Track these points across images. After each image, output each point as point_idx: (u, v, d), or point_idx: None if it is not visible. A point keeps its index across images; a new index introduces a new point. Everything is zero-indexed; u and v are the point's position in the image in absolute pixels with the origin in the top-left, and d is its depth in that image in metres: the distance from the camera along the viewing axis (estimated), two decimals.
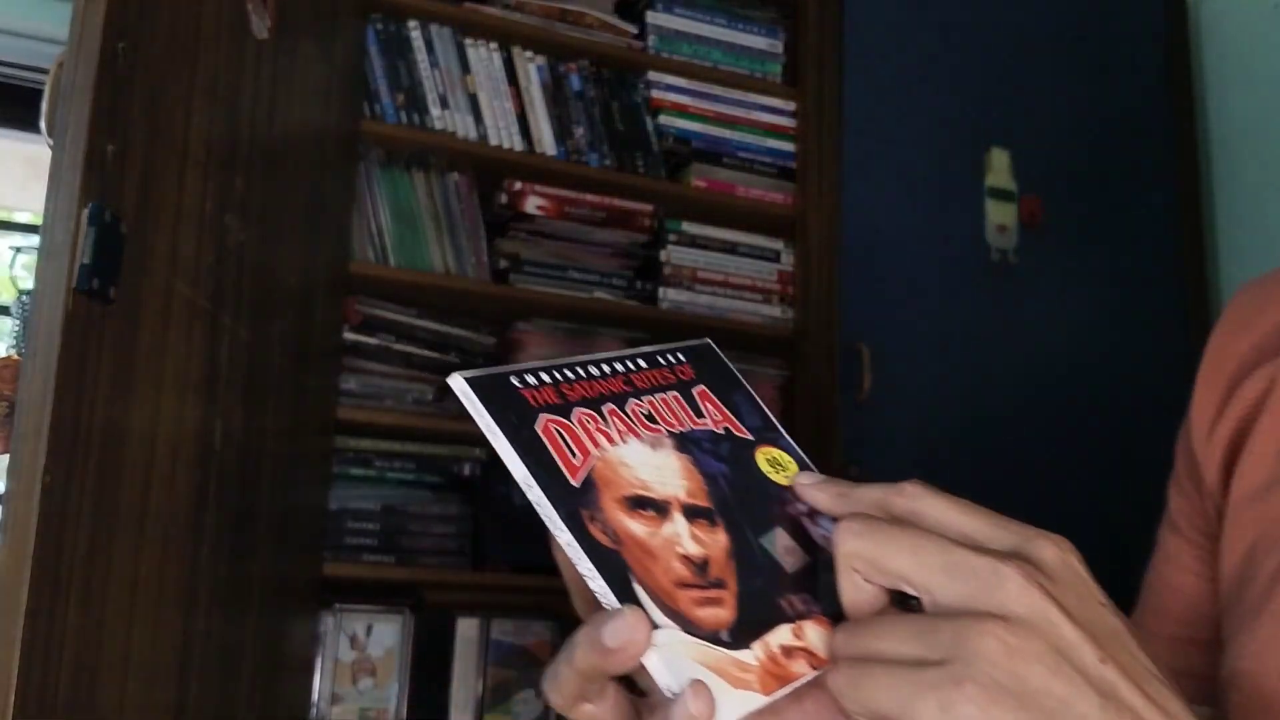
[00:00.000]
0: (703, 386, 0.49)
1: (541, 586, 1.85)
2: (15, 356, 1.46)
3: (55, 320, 0.81)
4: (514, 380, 0.42)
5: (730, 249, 2.07)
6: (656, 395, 0.47)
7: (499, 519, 1.83)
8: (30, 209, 2.91)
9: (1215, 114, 2.38)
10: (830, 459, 1.97)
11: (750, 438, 0.48)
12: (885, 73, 2.16)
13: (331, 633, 1.74)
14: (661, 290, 2.01)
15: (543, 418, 0.42)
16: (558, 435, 0.42)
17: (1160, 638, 0.65)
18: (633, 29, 2.06)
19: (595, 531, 0.39)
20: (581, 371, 0.45)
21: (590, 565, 0.38)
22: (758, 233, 2.09)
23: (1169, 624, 0.66)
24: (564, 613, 1.92)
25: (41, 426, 0.79)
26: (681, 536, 0.42)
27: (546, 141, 1.96)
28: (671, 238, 2.04)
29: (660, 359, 0.49)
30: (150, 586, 0.96)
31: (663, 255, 2.02)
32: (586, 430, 0.42)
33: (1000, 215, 2.17)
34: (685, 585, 0.40)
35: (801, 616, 0.42)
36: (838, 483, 0.44)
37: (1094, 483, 2.07)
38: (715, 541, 0.42)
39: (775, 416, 0.50)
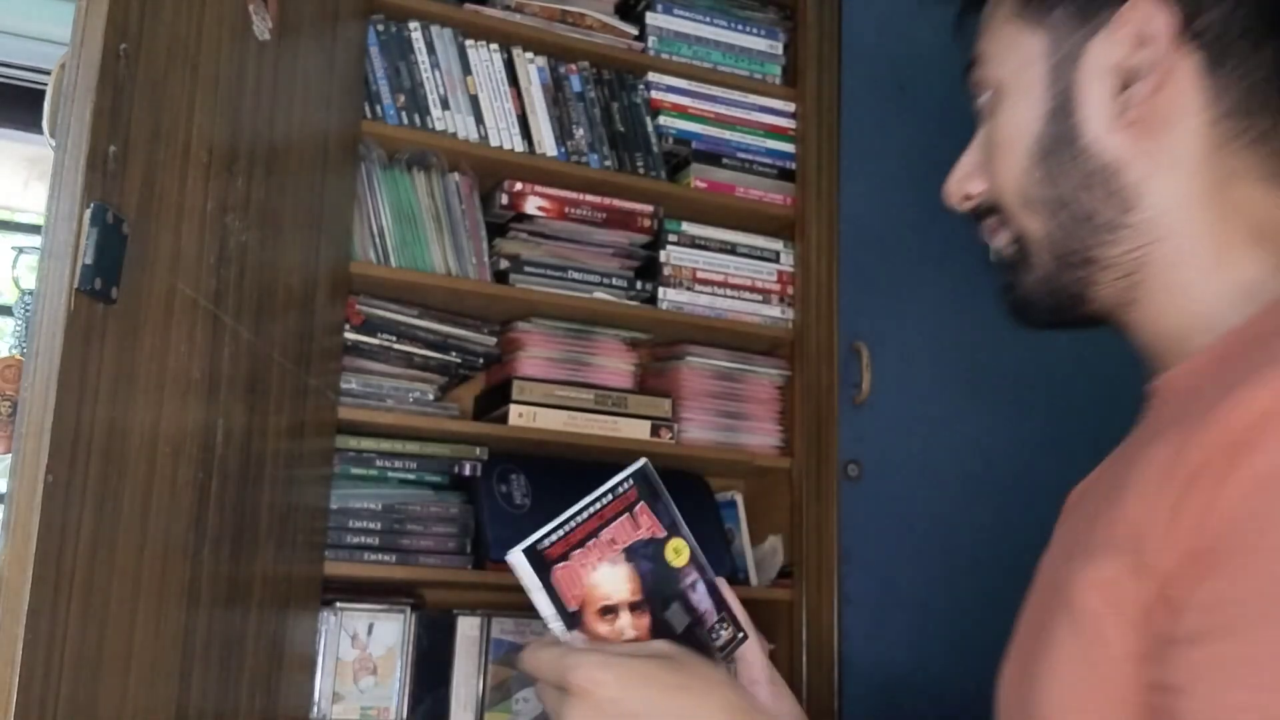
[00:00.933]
0: (642, 503, 0.71)
1: None
2: (17, 356, 1.46)
3: (57, 320, 0.81)
4: (539, 544, 0.66)
5: (730, 249, 2.07)
6: (614, 522, 0.69)
7: (500, 518, 1.83)
8: (32, 209, 2.91)
9: None
10: (830, 459, 1.97)
11: (664, 535, 0.71)
12: (885, 73, 2.16)
13: (333, 631, 1.75)
14: (661, 290, 2.01)
15: (556, 570, 0.66)
16: (563, 579, 0.67)
17: None
18: (633, 30, 2.07)
19: (580, 634, 0.67)
20: (576, 519, 0.68)
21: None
22: (757, 233, 2.10)
23: None
24: None
25: (43, 426, 0.79)
26: (625, 627, 0.68)
27: (547, 142, 1.96)
28: (671, 238, 2.04)
29: (617, 489, 0.70)
30: (152, 585, 0.97)
31: (663, 256, 2.03)
32: (580, 566, 0.67)
33: None
34: None
35: None
36: (550, 648, 0.65)
37: None
38: (642, 624, 0.69)
39: (679, 515, 0.73)
